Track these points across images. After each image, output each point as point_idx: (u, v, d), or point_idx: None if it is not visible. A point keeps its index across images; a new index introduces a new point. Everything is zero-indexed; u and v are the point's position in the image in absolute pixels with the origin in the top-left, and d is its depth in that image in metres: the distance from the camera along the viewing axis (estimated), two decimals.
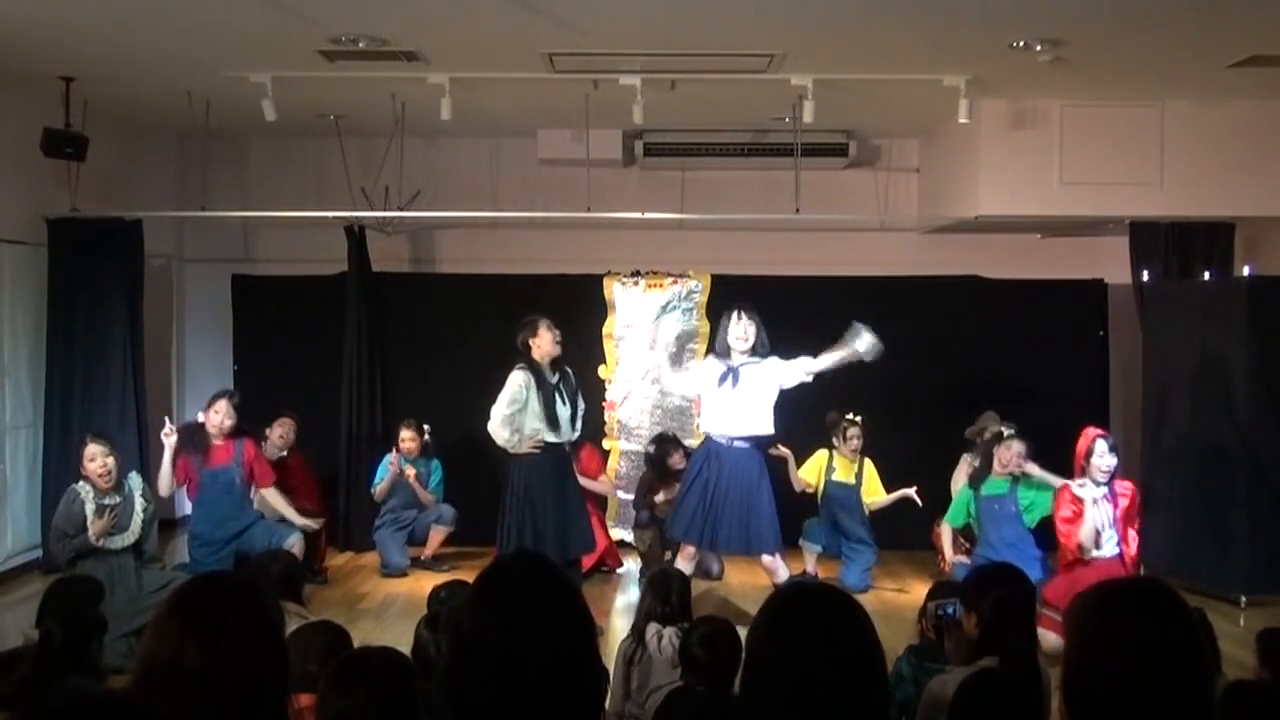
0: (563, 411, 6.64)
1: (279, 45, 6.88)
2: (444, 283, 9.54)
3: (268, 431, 7.99)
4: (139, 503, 6.35)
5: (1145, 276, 8.59)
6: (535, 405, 6.59)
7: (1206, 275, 8.33)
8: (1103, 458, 6.62)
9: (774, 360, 6.78)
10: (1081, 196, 8.35)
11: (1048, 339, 9.13)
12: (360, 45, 6.81)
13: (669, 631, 4.53)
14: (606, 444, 9.01)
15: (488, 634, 1.96)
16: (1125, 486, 6.78)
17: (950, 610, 3.72)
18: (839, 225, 9.59)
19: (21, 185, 8.12)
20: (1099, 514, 6.59)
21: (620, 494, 9.00)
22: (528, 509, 6.57)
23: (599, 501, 8.46)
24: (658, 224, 9.28)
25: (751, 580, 7.86)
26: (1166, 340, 7.99)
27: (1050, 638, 5.66)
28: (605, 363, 9.10)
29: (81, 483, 6.28)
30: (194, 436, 7.34)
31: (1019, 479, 7.21)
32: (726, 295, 8.92)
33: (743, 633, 2.99)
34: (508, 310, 7.47)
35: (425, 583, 7.40)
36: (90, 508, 6.17)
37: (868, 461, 8.04)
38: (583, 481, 7.74)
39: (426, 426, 8.41)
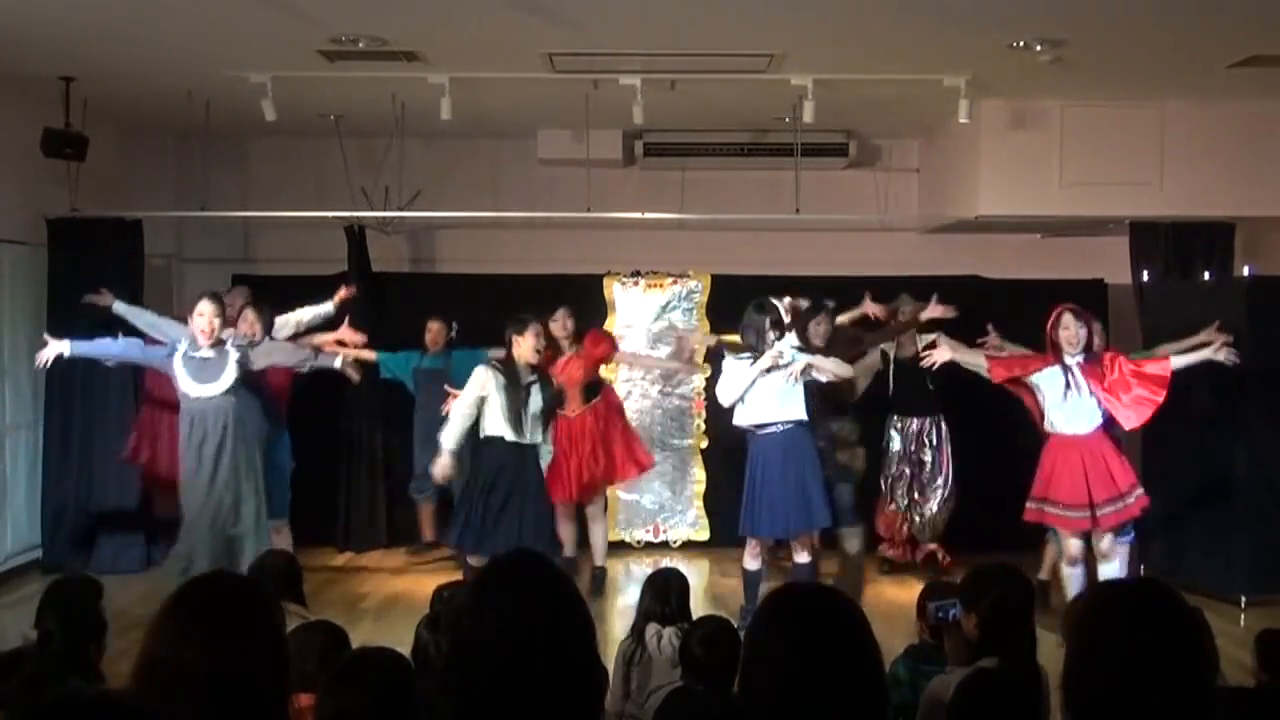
0: (530, 413, 6.61)
1: (279, 45, 6.88)
2: (444, 283, 9.53)
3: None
4: (233, 362, 6.66)
5: (1145, 276, 8.59)
6: (498, 401, 6.57)
7: (1206, 275, 8.34)
8: (1069, 329, 6.60)
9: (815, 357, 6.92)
10: (1081, 196, 8.35)
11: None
12: (360, 45, 6.82)
13: (669, 631, 4.53)
14: None
15: (488, 634, 1.96)
16: (1109, 358, 6.70)
17: (951, 612, 3.71)
18: (839, 225, 9.58)
19: (21, 185, 8.12)
20: (1060, 384, 6.58)
21: (622, 494, 8.98)
22: (480, 501, 6.55)
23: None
24: (658, 224, 9.28)
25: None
26: (1166, 340, 7.97)
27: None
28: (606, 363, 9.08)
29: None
30: None
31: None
32: (726, 295, 8.94)
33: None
34: (508, 310, 7.45)
35: (425, 583, 7.40)
36: (181, 348, 6.63)
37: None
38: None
39: (454, 323, 8.39)
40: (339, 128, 9.06)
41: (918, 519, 8.12)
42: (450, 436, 6.62)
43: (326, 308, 7.98)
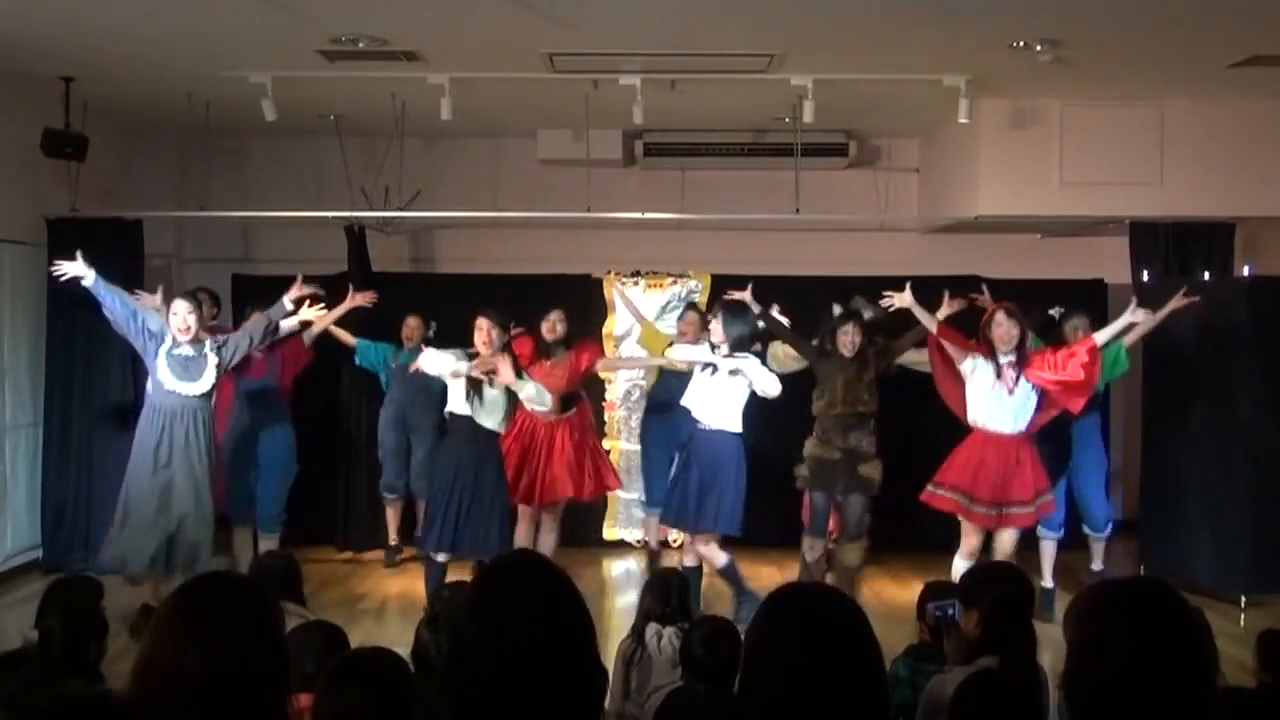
0: (489, 395, 6.51)
1: (279, 45, 6.89)
2: (444, 283, 9.53)
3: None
4: (211, 360, 6.65)
5: (1145, 276, 8.59)
6: (462, 382, 6.53)
7: (1206, 275, 8.34)
8: (1001, 326, 6.67)
9: (756, 363, 6.83)
10: (1081, 196, 8.35)
11: (1047, 339, 9.11)
12: (360, 45, 6.82)
13: (669, 631, 4.53)
14: (607, 444, 8.98)
15: (488, 634, 1.96)
16: (1036, 355, 6.78)
17: (950, 612, 3.71)
18: (839, 225, 9.59)
19: (21, 185, 8.12)
20: (988, 382, 6.66)
21: (621, 494, 8.96)
22: (443, 503, 6.52)
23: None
24: (658, 224, 9.28)
25: (752, 579, 7.86)
26: (1166, 340, 7.98)
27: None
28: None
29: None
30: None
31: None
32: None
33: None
34: (508, 310, 7.43)
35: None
36: (166, 345, 6.60)
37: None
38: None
39: (433, 322, 8.36)
40: (339, 128, 9.07)
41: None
42: (446, 361, 6.60)
43: (283, 303, 7.31)
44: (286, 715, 2.12)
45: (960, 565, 6.58)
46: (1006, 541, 6.68)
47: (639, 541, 8.91)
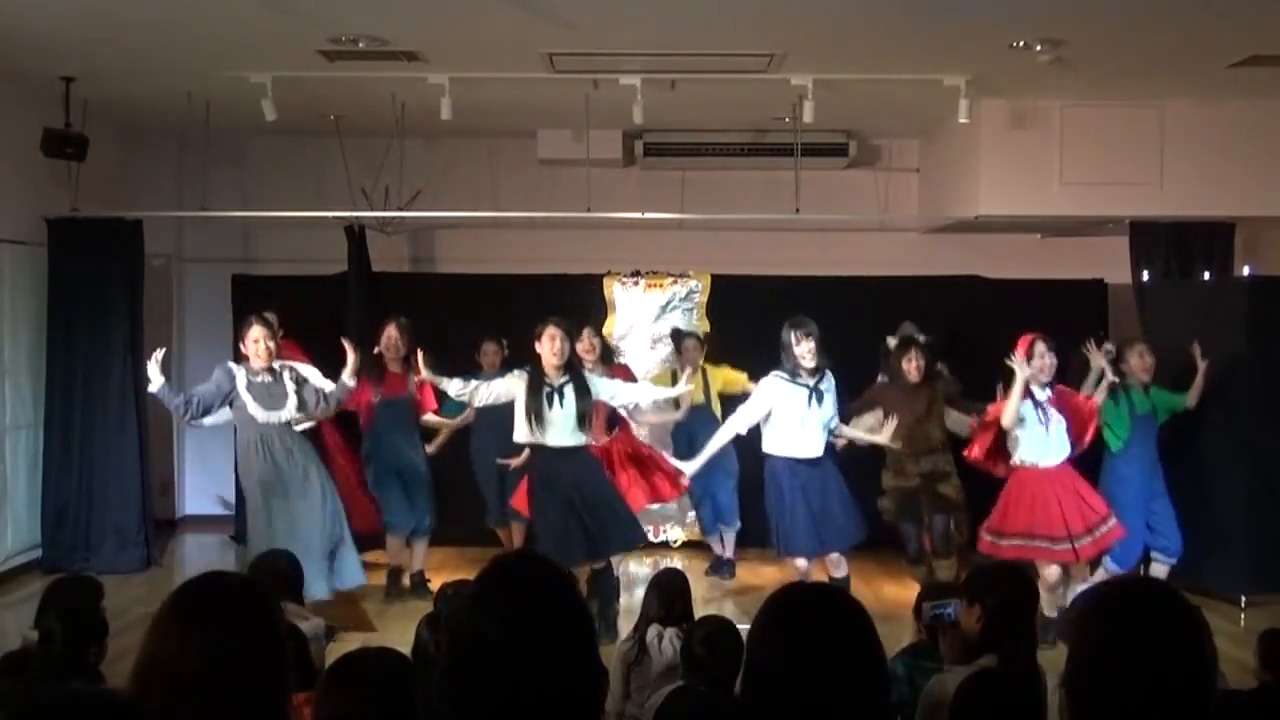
0: (556, 415, 6.39)
1: (279, 45, 6.89)
2: (444, 283, 9.53)
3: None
4: (290, 386, 6.62)
5: (1145, 276, 8.59)
6: (521, 405, 6.41)
7: (1206, 275, 8.34)
8: (1043, 358, 6.51)
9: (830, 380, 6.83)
10: (1081, 196, 8.35)
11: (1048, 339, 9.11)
12: (360, 45, 6.82)
13: (669, 632, 4.53)
14: None
15: (487, 634, 1.96)
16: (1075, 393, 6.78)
17: (948, 611, 3.71)
18: (839, 225, 9.59)
19: (21, 185, 8.12)
20: (1037, 416, 6.53)
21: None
22: (547, 511, 6.46)
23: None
24: (658, 224, 9.28)
25: (753, 580, 7.87)
26: (1166, 340, 7.98)
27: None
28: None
29: (236, 364, 6.68)
30: (374, 364, 7.35)
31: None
32: (726, 295, 8.94)
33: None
34: (508, 310, 7.45)
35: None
36: (242, 381, 6.55)
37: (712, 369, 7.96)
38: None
39: (505, 341, 7.94)
40: (339, 128, 9.07)
41: None
42: (455, 383, 6.57)
43: (345, 382, 6.91)
44: (287, 715, 2.12)
45: (1048, 598, 6.34)
46: (1083, 571, 6.65)
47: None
